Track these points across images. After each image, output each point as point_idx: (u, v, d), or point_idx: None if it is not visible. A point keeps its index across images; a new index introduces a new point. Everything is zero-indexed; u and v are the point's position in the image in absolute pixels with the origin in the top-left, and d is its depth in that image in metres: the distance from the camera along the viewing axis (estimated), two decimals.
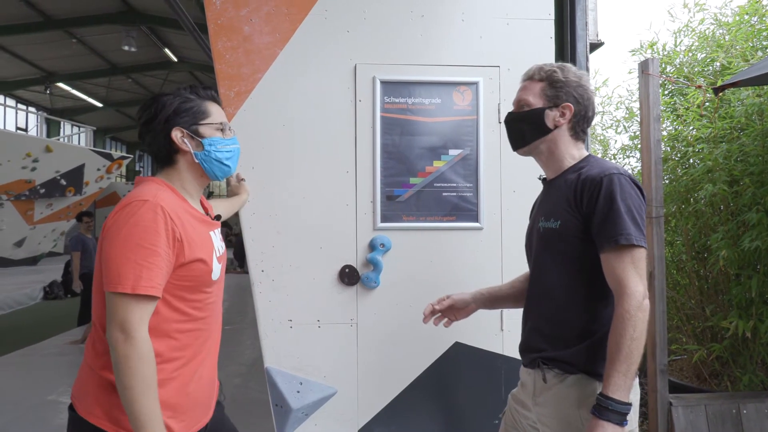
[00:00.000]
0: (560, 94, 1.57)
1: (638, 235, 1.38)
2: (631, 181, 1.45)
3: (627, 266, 1.37)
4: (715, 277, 3.60)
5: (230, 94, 2.26)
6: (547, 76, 1.59)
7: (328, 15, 2.30)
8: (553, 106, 1.58)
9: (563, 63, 1.64)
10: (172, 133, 1.46)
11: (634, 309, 1.33)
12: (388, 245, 2.29)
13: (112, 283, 1.28)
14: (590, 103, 1.60)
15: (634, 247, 1.38)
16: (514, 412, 1.70)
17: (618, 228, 1.38)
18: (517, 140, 1.67)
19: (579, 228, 1.47)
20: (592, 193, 1.44)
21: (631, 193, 1.43)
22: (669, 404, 2.87)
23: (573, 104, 1.57)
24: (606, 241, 1.40)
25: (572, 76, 1.58)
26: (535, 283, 1.65)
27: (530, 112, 1.60)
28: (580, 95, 1.58)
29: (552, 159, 1.62)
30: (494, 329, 2.34)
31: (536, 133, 1.60)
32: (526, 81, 1.65)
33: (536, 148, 1.63)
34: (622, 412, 1.29)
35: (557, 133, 1.59)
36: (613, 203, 1.40)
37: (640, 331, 1.33)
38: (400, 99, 2.32)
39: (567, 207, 1.50)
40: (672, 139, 3.82)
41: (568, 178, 1.55)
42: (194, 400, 1.46)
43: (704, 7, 3.96)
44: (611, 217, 1.40)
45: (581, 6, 2.42)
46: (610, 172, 1.44)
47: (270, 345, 2.26)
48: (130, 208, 1.32)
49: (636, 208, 1.42)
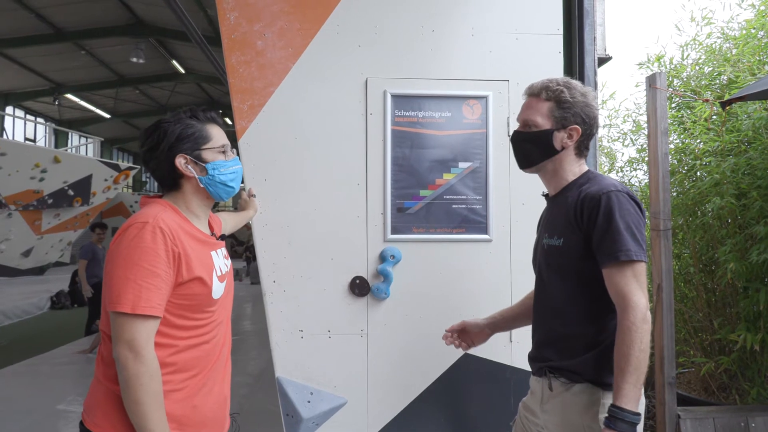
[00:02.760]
0: (568, 116, 1.58)
1: (638, 250, 1.42)
2: (629, 197, 1.48)
3: (629, 280, 1.41)
4: (723, 290, 3.59)
5: (243, 107, 2.29)
6: (555, 96, 1.59)
7: (340, 30, 2.34)
8: (561, 128, 1.59)
9: (568, 79, 1.64)
10: (176, 160, 1.49)
11: (639, 321, 1.37)
12: (399, 257, 2.31)
13: (112, 302, 1.31)
14: (595, 121, 1.63)
15: (634, 262, 1.41)
16: (524, 419, 1.73)
17: (618, 245, 1.41)
18: (524, 160, 1.69)
19: (581, 245, 1.50)
20: (591, 211, 1.47)
21: (629, 209, 1.46)
22: (677, 417, 2.87)
23: (580, 125, 1.59)
24: (607, 258, 1.43)
25: (579, 96, 1.59)
26: (540, 297, 1.68)
27: (538, 133, 1.61)
28: (587, 114, 1.60)
29: (555, 177, 1.65)
30: (503, 340, 2.35)
31: (544, 154, 1.62)
32: (531, 98, 1.66)
33: (543, 168, 1.66)
34: (634, 422, 1.32)
35: (563, 154, 1.61)
36: (611, 221, 1.43)
37: (646, 342, 1.37)
38: (411, 112, 2.35)
39: (568, 225, 1.53)
40: (679, 153, 3.83)
41: (569, 195, 1.58)
42: (202, 414, 1.47)
43: (711, 21, 3.99)
44: (610, 234, 1.43)
45: (589, 21, 2.45)
46: (608, 190, 1.47)
47: (281, 355, 2.28)
48: (131, 230, 1.36)
49: (635, 224, 1.45)
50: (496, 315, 1.93)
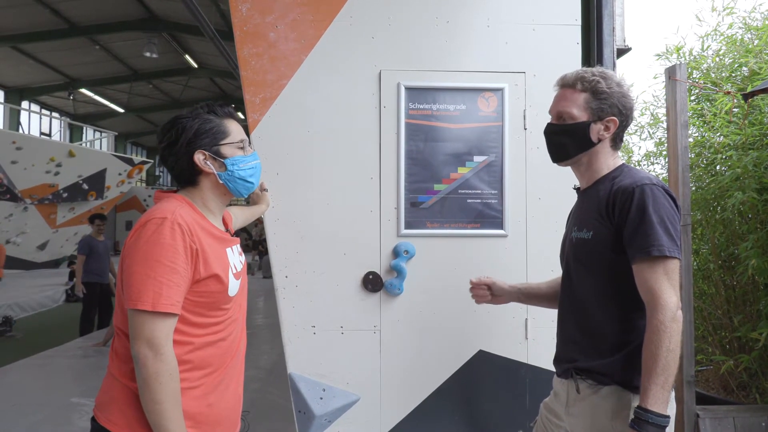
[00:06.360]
0: (604, 107, 1.53)
1: (671, 246, 1.36)
2: (664, 191, 1.42)
3: (660, 277, 1.35)
4: (743, 286, 3.52)
5: (255, 100, 2.27)
6: (591, 87, 1.54)
7: (353, 21, 2.30)
8: (597, 119, 1.54)
9: (603, 69, 1.59)
10: (195, 156, 1.47)
11: (669, 320, 1.31)
12: (412, 252, 2.28)
13: (132, 300, 1.29)
14: (631, 112, 1.57)
15: (667, 259, 1.36)
16: (546, 421, 1.68)
17: (650, 239, 1.36)
18: (559, 153, 1.63)
19: (611, 239, 1.45)
20: (623, 204, 1.42)
21: (664, 203, 1.40)
22: (696, 416, 2.82)
23: (617, 116, 1.54)
24: (638, 253, 1.38)
25: (615, 87, 1.54)
26: (567, 292, 1.63)
27: (575, 125, 1.55)
28: (624, 105, 1.54)
29: (590, 170, 1.60)
30: (519, 338, 2.32)
31: (580, 147, 1.57)
32: (565, 89, 1.60)
33: (578, 161, 1.61)
34: (662, 425, 1.27)
35: (599, 146, 1.56)
36: (645, 214, 1.38)
37: (676, 342, 1.31)
38: (425, 105, 2.31)
39: (599, 217, 1.48)
40: (698, 146, 3.76)
41: (600, 188, 1.54)
42: (217, 413, 1.45)
43: (733, 11, 3.90)
44: (643, 228, 1.38)
45: (608, 11, 2.39)
46: (642, 183, 1.42)
47: (293, 351, 2.26)
48: (150, 226, 1.33)
49: (669, 218, 1.39)
50: (519, 285, 1.89)
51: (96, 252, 6.65)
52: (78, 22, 13.32)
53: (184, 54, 16.14)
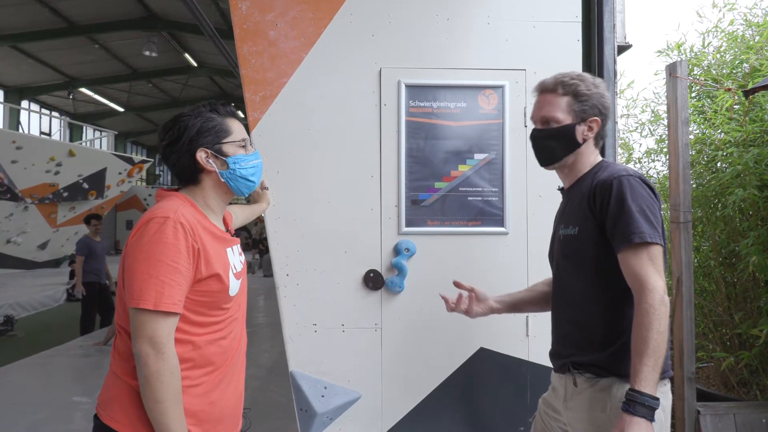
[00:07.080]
0: (586, 108, 1.59)
1: (652, 232, 1.39)
2: (641, 181, 1.47)
3: (645, 263, 1.38)
4: (744, 283, 3.52)
5: (255, 98, 2.26)
6: (572, 90, 1.59)
7: (353, 19, 2.30)
8: (581, 121, 1.59)
9: (578, 72, 1.66)
10: (197, 154, 1.47)
11: (657, 303, 1.34)
12: (413, 250, 2.28)
13: (134, 299, 1.29)
14: (610, 111, 1.63)
15: (649, 245, 1.39)
16: (545, 416, 1.70)
17: (631, 228, 1.40)
18: (547, 157, 1.67)
19: (596, 232, 1.49)
20: (603, 197, 1.47)
21: (642, 193, 1.44)
22: (697, 413, 2.81)
23: (598, 116, 1.60)
24: (621, 242, 1.42)
25: (593, 88, 1.60)
26: (559, 289, 1.66)
27: (561, 129, 1.60)
28: (603, 105, 1.60)
29: (574, 170, 1.65)
30: (520, 335, 2.32)
31: (567, 149, 1.62)
32: (546, 94, 1.64)
33: (564, 163, 1.65)
34: (653, 407, 1.29)
35: (584, 146, 1.62)
36: (624, 204, 1.42)
37: (665, 325, 1.34)
38: (425, 103, 2.31)
39: (582, 213, 1.53)
40: (699, 143, 3.75)
41: (583, 184, 1.58)
42: (218, 411, 1.46)
43: (734, 7, 3.88)
44: (623, 218, 1.42)
45: (609, 8, 2.39)
46: (619, 174, 1.47)
47: (294, 349, 2.26)
48: (152, 225, 1.34)
49: (648, 206, 1.43)
50: (503, 295, 1.90)
51: (94, 252, 6.69)
52: (77, 21, 13.31)
53: (184, 53, 16.13)
